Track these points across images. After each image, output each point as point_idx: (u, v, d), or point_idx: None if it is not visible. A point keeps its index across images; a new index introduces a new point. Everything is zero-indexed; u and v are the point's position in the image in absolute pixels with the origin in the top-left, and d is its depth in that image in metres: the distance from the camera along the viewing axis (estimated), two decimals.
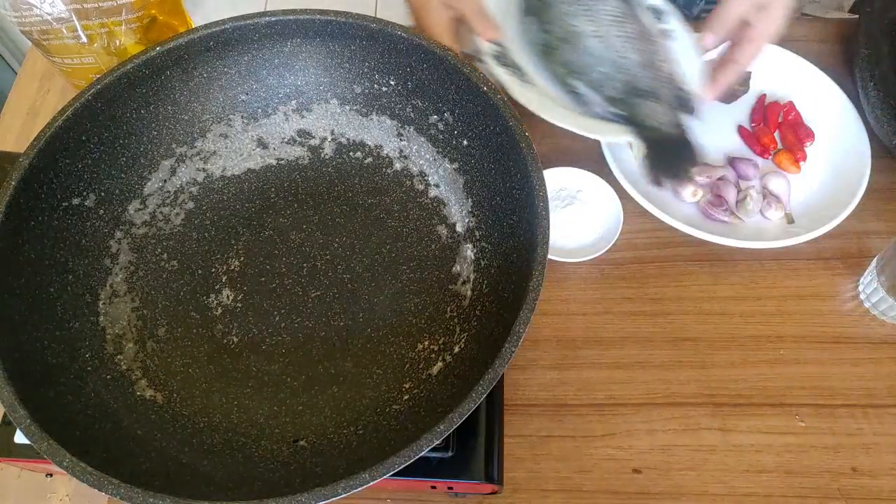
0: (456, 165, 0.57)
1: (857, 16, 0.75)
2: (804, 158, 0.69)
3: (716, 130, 0.72)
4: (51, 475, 0.59)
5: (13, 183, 0.46)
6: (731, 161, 0.69)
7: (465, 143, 0.56)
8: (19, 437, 0.49)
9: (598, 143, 0.67)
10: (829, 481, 0.55)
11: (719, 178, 0.67)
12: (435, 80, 0.55)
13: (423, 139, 0.58)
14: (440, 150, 0.58)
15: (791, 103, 0.73)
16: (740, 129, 0.72)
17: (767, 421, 0.58)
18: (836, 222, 0.62)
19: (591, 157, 0.68)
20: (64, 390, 0.45)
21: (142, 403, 0.49)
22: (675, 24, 0.68)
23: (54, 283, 0.49)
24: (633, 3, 0.64)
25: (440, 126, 0.57)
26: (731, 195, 0.66)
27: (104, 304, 0.52)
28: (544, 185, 0.46)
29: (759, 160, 0.70)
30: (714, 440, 0.57)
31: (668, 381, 0.60)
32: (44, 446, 0.38)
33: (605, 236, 0.64)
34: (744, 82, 0.70)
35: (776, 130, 0.71)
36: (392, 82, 0.57)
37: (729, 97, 0.71)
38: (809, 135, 0.70)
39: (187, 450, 0.46)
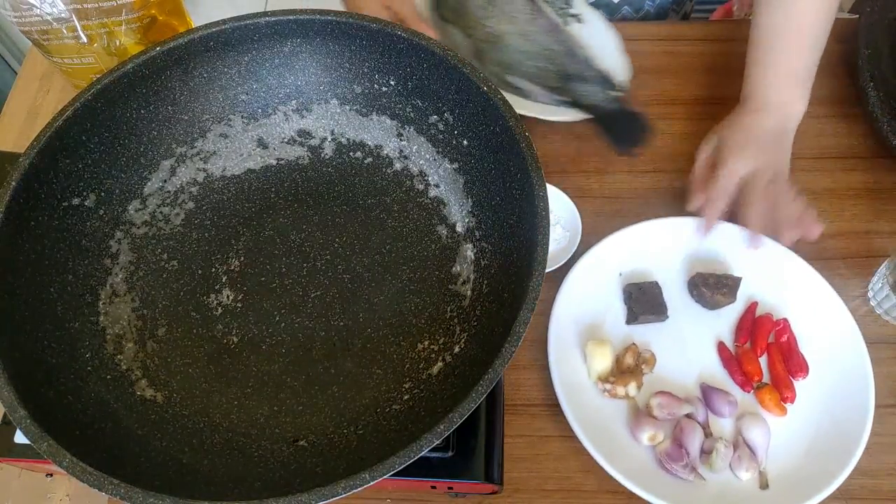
0: (456, 165, 0.57)
1: (857, 16, 0.75)
2: (792, 399, 0.57)
3: (691, 344, 0.60)
4: (51, 475, 0.59)
5: (13, 183, 0.46)
6: (704, 389, 0.58)
7: (465, 143, 0.56)
8: (19, 437, 0.49)
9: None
10: None
11: (685, 415, 0.56)
12: (435, 80, 0.55)
13: (423, 139, 0.58)
14: (440, 150, 0.58)
15: (786, 322, 0.60)
16: (720, 347, 0.60)
17: None
18: (820, 498, 0.51)
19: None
20: (64, 390, 0.45)
21: (142, 403, 0.49)
22: (581, 6, 0.75)
23: (54, 283, 0.49)
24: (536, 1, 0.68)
25: (440, 126, 0.57)
26: (695, 444, 0.54)
27: (104, 304, 0.52)
28: (544, 184, 0.46)
29: (738, 393, 0.58)
30: None
31: None
32: (44, 446, 0.38)
33: (568, 247, 0.64)
34: (730, 292, 0.60)
35: (763, 354, 0.59)
36: (392, 82, 0.57)
37: (711, 304, 0.61)
38: (803, 368, 0.58)
39: (187, 450, 0.46)
